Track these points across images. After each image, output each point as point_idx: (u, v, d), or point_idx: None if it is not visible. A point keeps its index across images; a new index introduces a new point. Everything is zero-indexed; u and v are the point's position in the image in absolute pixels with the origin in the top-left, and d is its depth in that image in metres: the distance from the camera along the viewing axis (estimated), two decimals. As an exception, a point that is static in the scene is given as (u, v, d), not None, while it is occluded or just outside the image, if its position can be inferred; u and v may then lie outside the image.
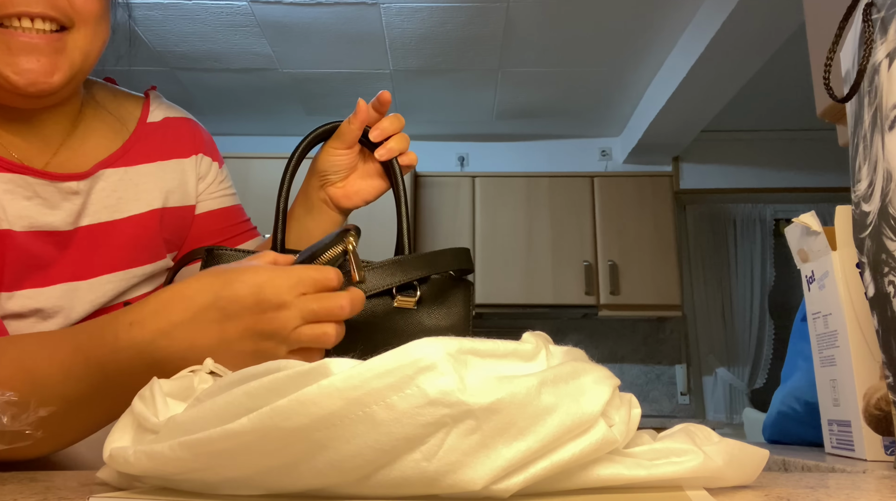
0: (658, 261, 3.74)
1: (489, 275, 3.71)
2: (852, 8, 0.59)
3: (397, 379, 0.32)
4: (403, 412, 0.31)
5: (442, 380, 0.32)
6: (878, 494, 0.40)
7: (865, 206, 0.57)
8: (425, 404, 0.32)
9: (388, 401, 0.31)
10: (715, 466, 0.38)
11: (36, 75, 0.63)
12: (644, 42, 3.21)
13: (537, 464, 0.34)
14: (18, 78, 0.63)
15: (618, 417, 0.38)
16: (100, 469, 0.41)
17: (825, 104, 0.99)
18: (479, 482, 0.32)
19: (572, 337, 4.04)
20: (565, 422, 0.34)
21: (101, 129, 0.79)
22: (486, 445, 0.33)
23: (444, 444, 0.32)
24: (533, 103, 3.85)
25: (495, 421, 0.33)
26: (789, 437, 1.06)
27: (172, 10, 2.99)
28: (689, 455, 0.38)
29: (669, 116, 3.54)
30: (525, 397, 0.33)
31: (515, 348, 0.38)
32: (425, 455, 0.32)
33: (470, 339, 0.36)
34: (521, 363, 0.38)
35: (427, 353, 0.33)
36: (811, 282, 0.84)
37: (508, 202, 3.83)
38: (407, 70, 3.50)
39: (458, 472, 0.32)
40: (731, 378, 3.93)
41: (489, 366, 0.36)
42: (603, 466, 0.36)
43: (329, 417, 0.31)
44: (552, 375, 0.35)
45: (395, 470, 0.32)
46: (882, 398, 0.63)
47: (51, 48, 0.64)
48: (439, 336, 0.34)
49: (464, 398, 0.32)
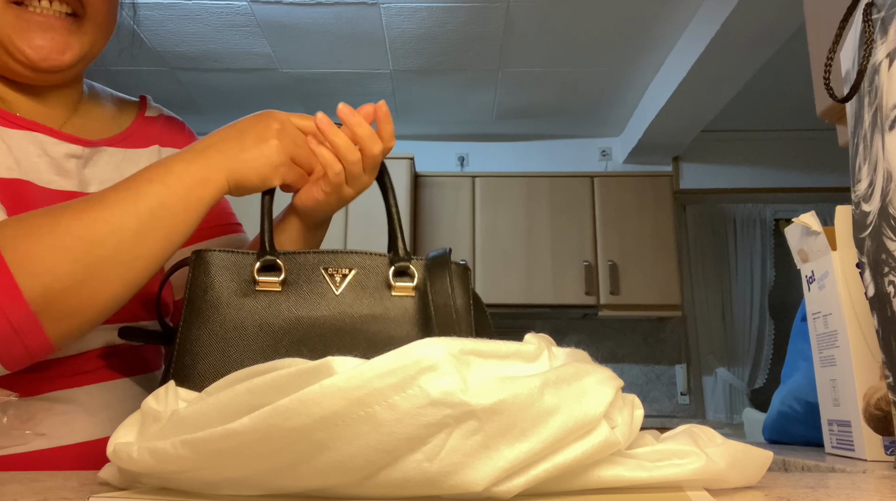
0: (658, 261, 3.74)
1: (489, 275, 3.71)
2: (852, 8, 0.59)
3: (399, 379, 0.32)
4: (405, 413, 0.31)
5: (444, 381, 0.32)
6: (878, 494, 0.40)
7: (865, 206, 0.57)
8: (427, 404, 0.31)
9: (391, 401, 0.31)
10: (717, 468, 0.38)
11: (48, 51, 0.69)
12: (644, 42, 3.21)
13: (539, 466, 0.34)
14: (33, 52, 0.68)
15: (620, 418, 0.38)
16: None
17: (825, 104, 0.99)
18: (480, 483, 0.32)
19: (572, 337, 4.04)
20: (568, 423, 0.34)
21: (101, 114, 0.82)
22: (488, 446, 0.32)
23: (446, 445, 0.32)
24: (533, 103, 3.85)
25: (498, 422, 0.32)
26: (789, 437, 1.06)
27: (172, 10, 2.99)
28: (691, 457, 0.38)
29: (669, 116, 3.54)
30: (528, 398, 0.33)
31: (518, 349, 0.38)
32: (427, 456, 0.32)
33: (472, 340, 0.36)
34: (524, 364, 0.38)
35: (429, 353, 0.32)
36: (811, 282, 0.84)
37: (508, 202, 3.83)
38: (407, 70, 3.50)
39: (460, 473, 0.32)
40: (731, 378, 3.93)
41: (491, 367, 0.36)
42: (604, 467, 0.36)
43: (331, 417, 0.31)
44: (555, 376, 0.35)
45: (396, 471, 0.32)
46: (882, 398, 0.63)
47: (64, 29, 0.70)
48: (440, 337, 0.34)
49: (466, 399, 0.32)
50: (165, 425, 0.37)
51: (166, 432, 0.37)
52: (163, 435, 0.36)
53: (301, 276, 0.61)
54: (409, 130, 4.23)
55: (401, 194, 3.62)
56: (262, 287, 0.59)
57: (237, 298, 0.59)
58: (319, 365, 0.34)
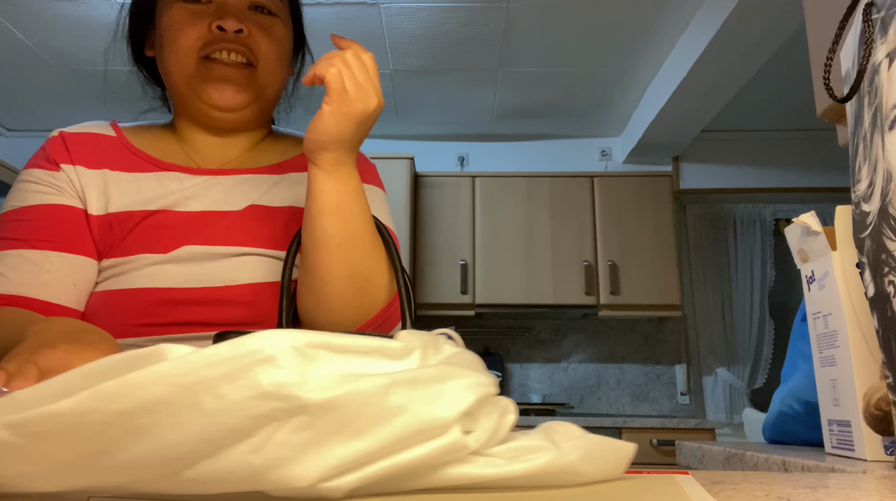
0: (658, 261, 3.74)
1: (489, 275, 3.71)
2: (852, 8, 0.59)
3: (232, 369, 0.31)
4: (233, 403, 0.31)
5: (279, 373, 0.31)
6: (878, 494, 0.40)
7: (865, 206, 0.57)
8: (257, 396, 0.31)
9: (219, 391, 0.30)
10: (569, 461, 0.37)
11: (227, 94, 0.86)
12: (644, 42, 3.21)
13: (375, 464, 0.33)
14: (216, 95, 0.85)
15: (485, 422, 0.37)
16: None
17: (825, 104, 0.99)
18: (306, 479, 0.31)
19: (572, 337, 4.04)
20: (411, 425, 0.33)
21: (274, 149, 0.97)
22: (318, 442, 0.32)
23: (273, 438, 0.31)
24: (533, 103, 3.85)
25: (331, 418, 0.32)
26: (789, 437, 1.06)
27: (172, 10, 2.99)
28: (542, 452, 0.37)
29: (669, 116, 3.54)
30: (369, 396, 0.33)
31: (381, 345, 0.37)
32: (252, 448, 0.31)
33: (326, 334, 0.35)
34: (388, 362, 0.37)
35: (268, 345, 0.32)
36: (811, 282, 0.84)
37: (508, 202, 3.83)
38: (407, 70, 3.50)
39: (285, 467, 0.31)
40: (731, 378, 3.93)
41: (344, 362, 0.35)
42: (453, 466, 0.36)
43: (154, 402, 0.30)
44: (409, 377, 0.34)
45: (219, 462, 0.31)
46: (882, 398, 0.63)
47: (240, 76, 0.86)
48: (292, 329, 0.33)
49: (298, 393, 0.31)
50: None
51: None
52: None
53: None
54: (409, 130, 4.23)
55: (401, 194, 3.62)
56: None
57: None
58: (151, 351, 0.33)
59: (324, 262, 0.74)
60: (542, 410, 3.54)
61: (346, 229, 0.75)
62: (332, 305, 0.76)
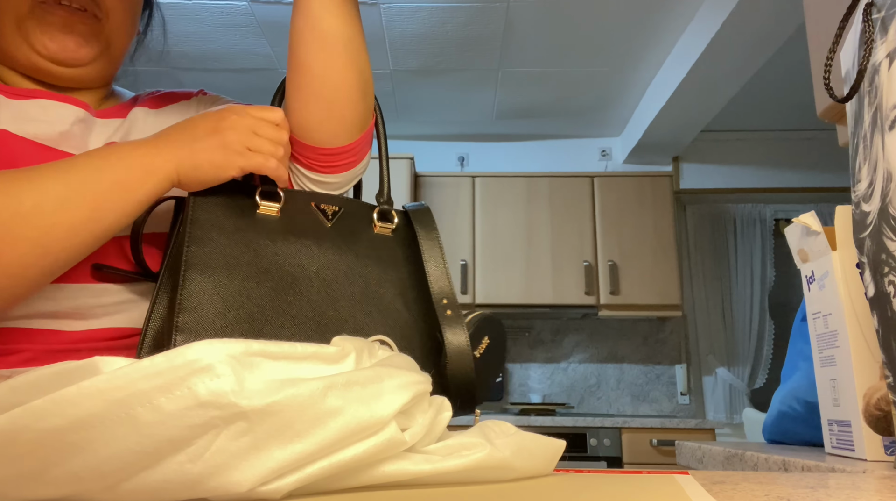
0: (658, 261, 3.74)
1: (489, 275, 3.71)
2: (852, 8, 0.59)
3: (167, 381, 0.31)
4: (170, 414, 0.30)
5: (216, 382, 0.31)
6: (878, 494, 0.40)
7: (865, 206, 0.57)
8: (195, 406, 0.31)
9: (155, 403, 0.30)
10: (501, 456, 0.39)
11: (68, 45, 0.73)
12: (644, 42, 3.21)
13: (314, 465, 0.34)
14: (53, 44, 0.72)
15: (420, 420, 0.38)
16: None
17: (825, 104, 0.99)
18: (245, 483, 0.32)
19: (572, 337, 4.04)
20: (350, 425, 0.34)
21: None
22: (257, 447, 0.32)
23: (211, 446, 0.31)
24: (533, 103, 3.85)
25: (270, 424, 0.32)
26: (789, 437, 1.06)
27: (172, 10, 2.99)
28: (476, 449, 0.39)
29: (669, 116, 3.54)
30: (307, 400, 0.33)
31: (316, 351, 0.37)
32: (190, 457, 0.31)
33: (263, 341, 0.35)
34: (324, 366, 0.37)
35: (205, 354, 0.32)
36: (811, 282, 0.84)
37: (508, 202, 3.83)
38: (407, 70, 3.50)
39: (224, 474, 0.32)
40: (731, 378, 3.93)
41: (282, 369, 0.35)
42: (390, 463, 0.37)
43: (87, 418, 0.30)
44: (345, 379, 0.35)
45: (156, 473, 0.31)
46: (882, 398, 0.63)
47: (82, 27, 0.74)
48: (224, 339, 0.33)
49: (236, 400, 0.31)
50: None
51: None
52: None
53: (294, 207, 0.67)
54: (408, 130, 4.23)
55: (401, 194, 3.62)
56: (264, 211, 0.65)
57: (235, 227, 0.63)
58: (85, 365, 0.33)
59: (337, 65, 0.72)
60: (542, 410, 3.53)
61: (352, 26, 0.74)
62: (346, 111, 0.73)
